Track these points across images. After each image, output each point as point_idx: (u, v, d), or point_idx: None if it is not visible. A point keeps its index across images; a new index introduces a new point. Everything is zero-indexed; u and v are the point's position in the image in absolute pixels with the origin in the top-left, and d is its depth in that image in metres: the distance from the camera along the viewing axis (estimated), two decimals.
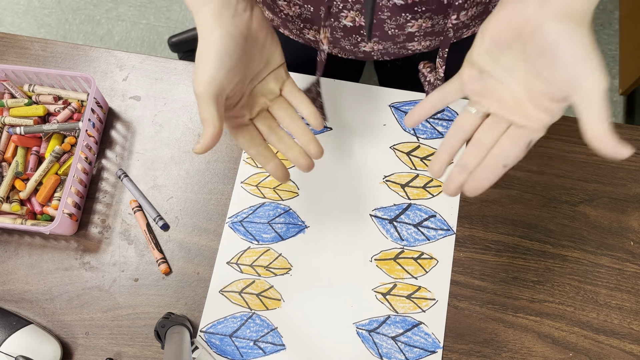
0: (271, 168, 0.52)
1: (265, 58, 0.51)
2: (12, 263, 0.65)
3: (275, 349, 0.61)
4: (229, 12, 0.46)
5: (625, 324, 0.61)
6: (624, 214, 0.64)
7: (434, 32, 0.58)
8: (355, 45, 0.61)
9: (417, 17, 0.54)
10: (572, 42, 0.37)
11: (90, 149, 0.68)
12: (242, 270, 0.64)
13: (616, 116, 1.55)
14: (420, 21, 0.55)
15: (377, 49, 0.62)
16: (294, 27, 0.61)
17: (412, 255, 0.64)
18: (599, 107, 0.37)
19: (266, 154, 0.52)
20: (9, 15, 1.72)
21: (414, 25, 0.56)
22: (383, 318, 0.62)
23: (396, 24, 0.56)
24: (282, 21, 0.61)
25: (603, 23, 1.64)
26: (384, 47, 0.61)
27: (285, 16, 0.59)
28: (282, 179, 0.53)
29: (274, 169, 0.52)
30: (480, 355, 0.60)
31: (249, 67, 0.49)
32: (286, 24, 0.61)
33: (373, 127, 0.68)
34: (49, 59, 0.73)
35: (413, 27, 0.57)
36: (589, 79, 0.37)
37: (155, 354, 0.62)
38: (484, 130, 0.44)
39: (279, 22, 0.63)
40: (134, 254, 0.65)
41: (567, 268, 0.63)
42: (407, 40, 0.59)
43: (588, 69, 0.37)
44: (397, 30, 0.57)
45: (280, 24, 0.63)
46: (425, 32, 0.57)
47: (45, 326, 0.63)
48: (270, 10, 0.61)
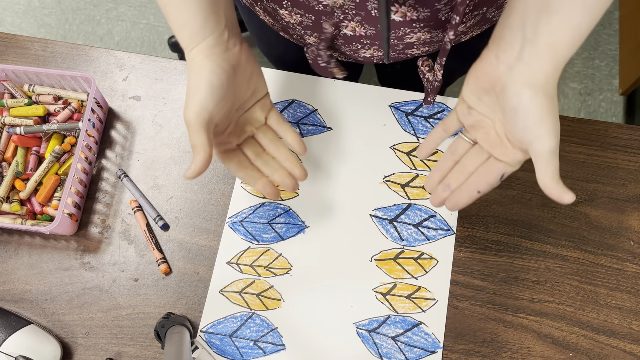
0: (260, 186, 0.56)
1: (252, 88, 0.54)
2: (12, 263, 0.65)
3: (275, 349, 0.61)
4: (221, 48, 0.49)
5: (625, 324, 0.61)
6: (624, 214, 0.64)
7: (433, 42, 0.59)
8: (355, 51, 0.62)
9: (415, 31, 0.56)
10: (529, 108, 0.43)
11: (90, 149, 0.68)
12: (242, 270, 0.64)
13: (616, 116, 1.55)
14: (419, 34, 0.57)
15: (376, 55, 0.62)
16: (294, 33, 0.62)
17: (412, 255, 0.64)
18: (547, 165, 0.44)
19: (253, 175, 0.56)
20: (9, 15, 1.72)
21: (412, 37, 0.57)
22: (383, 318, 0.62)
23: (395, 36, 0.57)
24: (282, 27, 0.62)
25: (603, 23, 1.64)
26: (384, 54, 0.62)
27: (286, 23, 0.60)
28: (272, 195, 0.56)
29: (263, 187, 0.56)
30: (480, 355, 0.60)
31: (237, 96, 0.53)
32: (287, 29, 0.62)
33: (373, 127, 0.68)
34: (49, 59, 0.73)
35: (412, 39, 0.58)
36: (539, 141, 0.43)
37: (155, 354, 0.62)
38: (468, 157, 0.51)
39: (280, 27, 0.63)
40: (134, 254, 0.65)
41: (567, 268, 0.63)
42: (406, 48, 0.60)
43: (539, 133, 0.43)
44: (397, 40, 0.58)
45: (280, 28, 0.63)
46: (424, 42, 0.59)
47: (45, 326, 0.63)
48: (271, 16, 0.61)
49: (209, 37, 0.48)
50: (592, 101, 1.57)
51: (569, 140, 0.67)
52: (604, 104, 1.57)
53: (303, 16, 0.57)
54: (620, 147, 0.67)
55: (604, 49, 1.62)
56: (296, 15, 0.57)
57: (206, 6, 0.48)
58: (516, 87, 0.44)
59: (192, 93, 0.48)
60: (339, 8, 0.53)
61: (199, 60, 0.49)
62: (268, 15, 0.62)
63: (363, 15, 0.54)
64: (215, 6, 0.48)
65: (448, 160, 0.52)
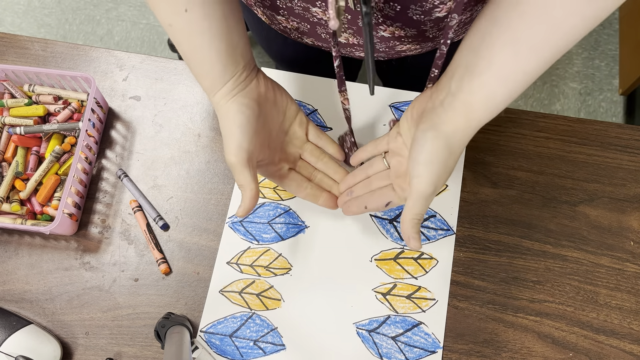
0: (322, 202, 0.59)
1: (281, 111, 0.56)
2: (12, 263, 0.65)
3: (275, 349, 0.61)
4: (241, 87, 0.51)
5: (625, 324, 0.61)
6: (624, 214, 0.64)
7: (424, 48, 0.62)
8: (350, 52, 0.64)
9: (405, 43, 0.59)
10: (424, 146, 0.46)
11: (90, 149, 0.68)
12: (242, 270, 0.64)
13: (616, 116, 1.55)
14: (408, 45, 0.59)
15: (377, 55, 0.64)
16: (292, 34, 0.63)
17: (412, 255, 0.63)
18: (414, 205, 0.47)
19: (314, 193, 0.59)
20: (9, 15, 1.72)
21: (403, 47, 0.60)
22: (383, 318, 0.62)
23: (386, 46, 0.60)
24: (281, 29, 0.63)
25: (603, 23, 1.64)
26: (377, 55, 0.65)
27: (283, 27, 0.61)
28: (334, 207, 0.60)
29: (325, 202, 0.59)
30: (480, 355, 0.60)
31: (270, 125, 0.54)
32: (285, 31, 0.63)
33: (373, 127, 0.68)
34: (49, 59, 0.73)
35: (402, 48, 0.61)
36: (418, 180, 0.46)
37: (155, 354, 0.62)
38: (377, 177, 0.56)
39: (278, 29, 0.64)
40: (134, 254, 0.65)
41: (567, 268, 0.63)
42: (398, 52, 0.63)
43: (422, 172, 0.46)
44: (387, 49, 0.61)
45: (279, 29, 0.64)
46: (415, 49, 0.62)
47: (45, 326, 0.63)
48: (269, 19, 0.62)
49: (228, 81, 0.50)
50: (592, 101, 1.57)
51: (569, 140, 0.67)
52: (604, 104, 1.57)
53: (299, 24, 0.58)
54: (620, 147, 0.67)
55: (604, 49, 1.62)
56: (292, 22, 0.58)
57: (225, 54, 0.49)
58: (427, 124, 0.47)
59: (227, 137, 0.50)
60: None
61: (223, 105, 0.51)
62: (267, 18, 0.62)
63: (355, 29, 0.56)
64: (233, 51, 0.50)
65: (362, 173, 0.57)
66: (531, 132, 0.68)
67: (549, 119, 0.68)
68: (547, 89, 1.58)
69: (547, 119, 0.68)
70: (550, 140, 0.67)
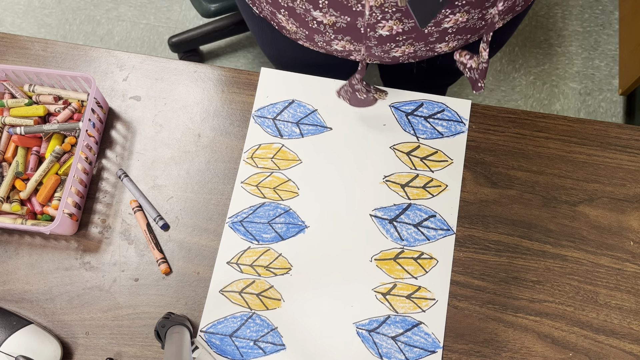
0: None
1: None
2: (12, 263, 0.65)
3: (275, 348, 0.61)
4: None
5: (625, 324, 0.61)
6: (624, 214, 0.64)
7: (467, 29, 0.59)
8: (386, 52, 0.61)
9: (455, 11, 0.56)
10: None
11: (90, 149, 0.68)
12: (242, 270, 0.64)
13: (616, 116, 1.55)
14: (458, 15, 0.56)
15: (407, 52, 0.61)
16: (321, 39, 0.61)
17: (412, 255, 0.64)
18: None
19: None
20: (9, 15, 1.72)
21: (450, 20, 0.57)
22: (383, 318, 0.62)
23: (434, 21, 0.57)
24: (309, 32, 0.61)
25: (603, 23, 1.64)
26: (414, 50, 0.62)
27: (317, 25, 0.59)
28: None
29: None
30: (480, 355, 0.60)
31: None
32: (313, 35, 0.61)
33: (373, 127, 0.68)
34: (49, 59, 0.73)
35: (449, 22, 0.57)
36: None
37: (155, 354, 0.62)
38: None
39: (304, 35, 0.62)
40: (134, 254, 0.65)
41: (567, 268, 0.63)
42: (437, 40, 0.60)
43: None
44: (434, 27, 0.58)
45: (304, 36, 0.62)
46: (458, 27, 0.58)
47: (45, 326, 0.63)
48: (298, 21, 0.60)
49: None
50: (592, 101, 1.57)
51: (568, 140, 0.67)
52: (604, 104, 1.57)
53: (338, 17, 0.56)
54: (620, 147, 0.67)
55: (603, 49, 1.62)
56: (331, 16, 0.57)
57: None
58: None
59: None
60: (378, 7, 0.53)
61: None
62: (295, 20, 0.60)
63: (404, 11, 0.53)
64: None
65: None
66: (531, 132, 0.68)
67: (549, 119, 0.68)
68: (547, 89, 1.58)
69: (547, 119, 0.68)
70: (550, 140, 0.67)
